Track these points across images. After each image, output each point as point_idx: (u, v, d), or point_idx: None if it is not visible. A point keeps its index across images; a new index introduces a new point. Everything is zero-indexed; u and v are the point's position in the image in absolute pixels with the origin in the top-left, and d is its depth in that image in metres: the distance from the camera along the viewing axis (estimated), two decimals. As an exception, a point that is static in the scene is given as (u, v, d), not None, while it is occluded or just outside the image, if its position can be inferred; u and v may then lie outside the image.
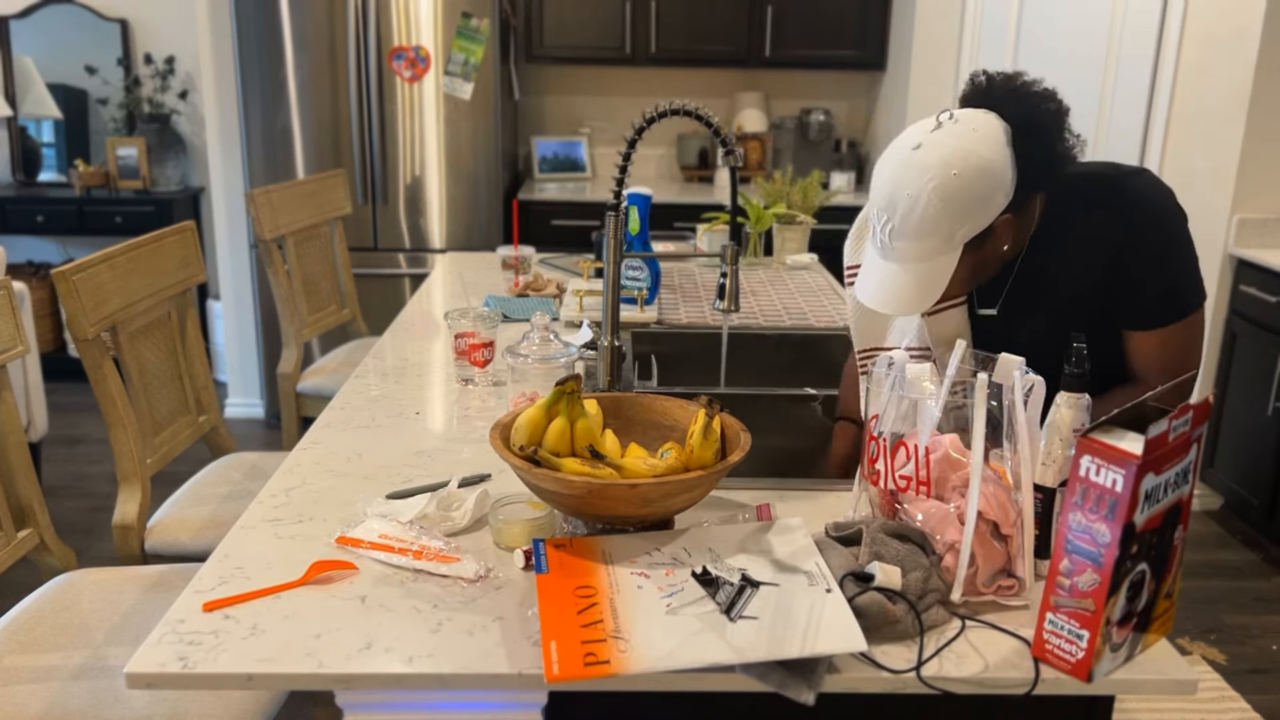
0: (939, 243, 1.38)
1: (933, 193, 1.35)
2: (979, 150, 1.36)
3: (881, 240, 1.42)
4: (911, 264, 1.41)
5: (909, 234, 1.38)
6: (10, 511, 1.74)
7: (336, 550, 1.31)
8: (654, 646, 1.06)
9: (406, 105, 4.00)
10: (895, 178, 1.38)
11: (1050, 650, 1.09)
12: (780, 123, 4.68)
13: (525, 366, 1.68)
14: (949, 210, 1.36)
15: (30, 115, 4.75)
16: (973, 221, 1.38)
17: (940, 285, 1.41)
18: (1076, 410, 1.21)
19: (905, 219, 1.38)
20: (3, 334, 1.72)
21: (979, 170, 1.36)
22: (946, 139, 1.37)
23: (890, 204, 1.39)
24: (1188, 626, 2.92)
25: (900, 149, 1.40)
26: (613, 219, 1.72)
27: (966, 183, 1.35)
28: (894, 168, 1.39)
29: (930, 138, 1.38)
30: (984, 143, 1.37)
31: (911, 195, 1.36)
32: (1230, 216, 3.40)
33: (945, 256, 1.40)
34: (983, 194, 1.36)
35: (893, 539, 1.20)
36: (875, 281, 1.46)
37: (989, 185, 1.36)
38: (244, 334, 4.37)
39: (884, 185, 1.40)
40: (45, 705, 1.44)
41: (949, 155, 1.36)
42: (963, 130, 1.38)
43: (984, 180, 1.36)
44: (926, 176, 1.35)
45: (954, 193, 1.35)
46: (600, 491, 1.21)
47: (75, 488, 3.69)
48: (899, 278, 1.43)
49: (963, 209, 1.36)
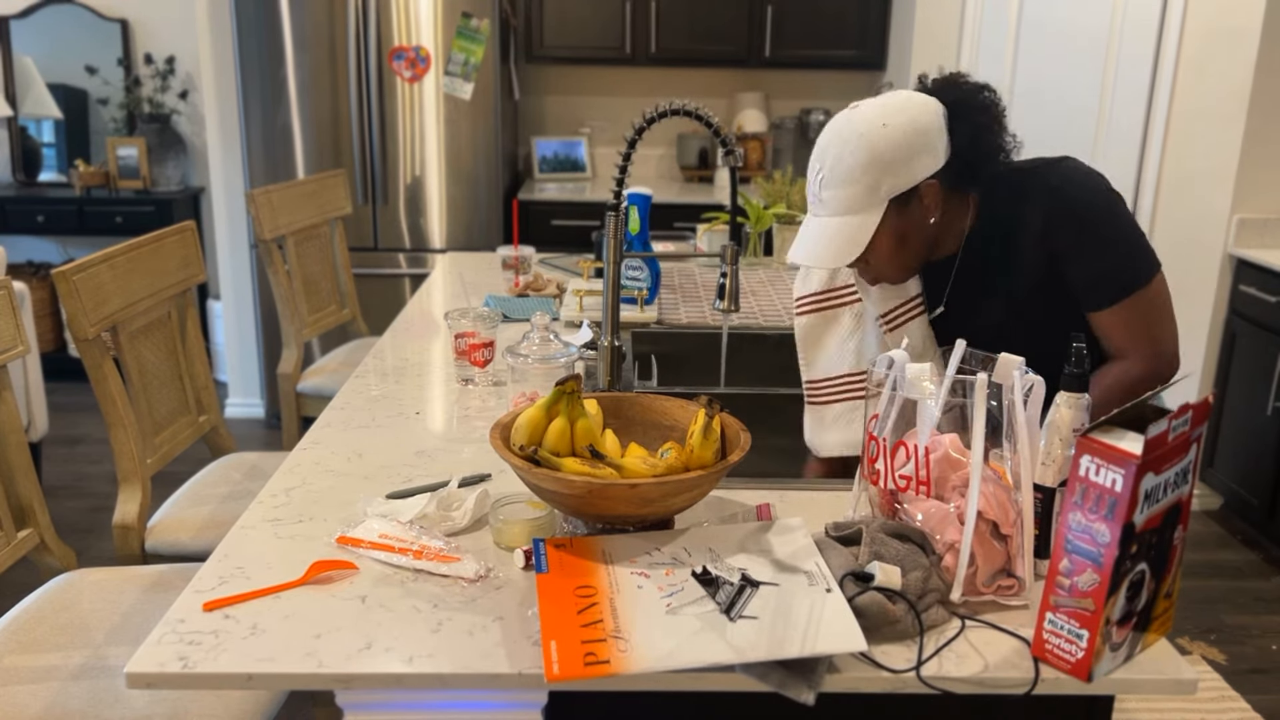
0: (863, 192, 1.47)
1: (860, 139, 1.45)
2: (910, 111, 1.47)
3: (812, 193, 1.52)
4: (837, 216, 1.49)
5: (836, 181, 1.48)
6: (10, 511, 1.74)
7: (336, 550, 1.31)
8: (654, 646, 1.06)
9: (406, 105, 4.00)
10: (830, 131, 1.50)
11: (1050, 650, 1.09)
12: (780, 123, 4.68)
13: (525, 366, 1.68)
14: (875, 159, 1.45)
15: (30, 115, 4.75)
16: (897, 175, 1.46)
17: (864, 238, 1.48)
18: (1076, 410, 1.21)
19: (834, 167, 1.47)
20: (3, 334, 1.72)
21: (907, 127, 1.46)
22: (883, 101, 1.49)
23: (822, 153, 1.49)
24: (1188, 626, 2.92)
25: (840, 113, 1.53)
26: (613, 219, 1.72)
27: (894, 135, 1.45)
28: (832, 124, 1.51)
29: (867, 101, 1.51)
30: (917, 107, 1.48)
31: (841, 142, 1.47)
32: (1230, 216, 3.40)
33: (870, 212, 1.48)
34: (909, 150, 1.46)
35: (893, 539, 1.20)
36: (804, 239, 1.53)
37: (917, 143, 1.46)
38: (244, 334, 4.37)
39: (821, 141, 1.51)
40: (45, 705, 1.44)
41: (881, 111, 1.47)
42: (899, 96, 1.50)
43: (912, 137, 1.46)
44: (858, 127, 1.47)
45: (881, 141, 1.45)
46: (600, 491, 1.21)
47: (75, 488, 3.69)
48: (825, 230, 1.51)
49: (889, 161, 1.45)
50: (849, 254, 1.49)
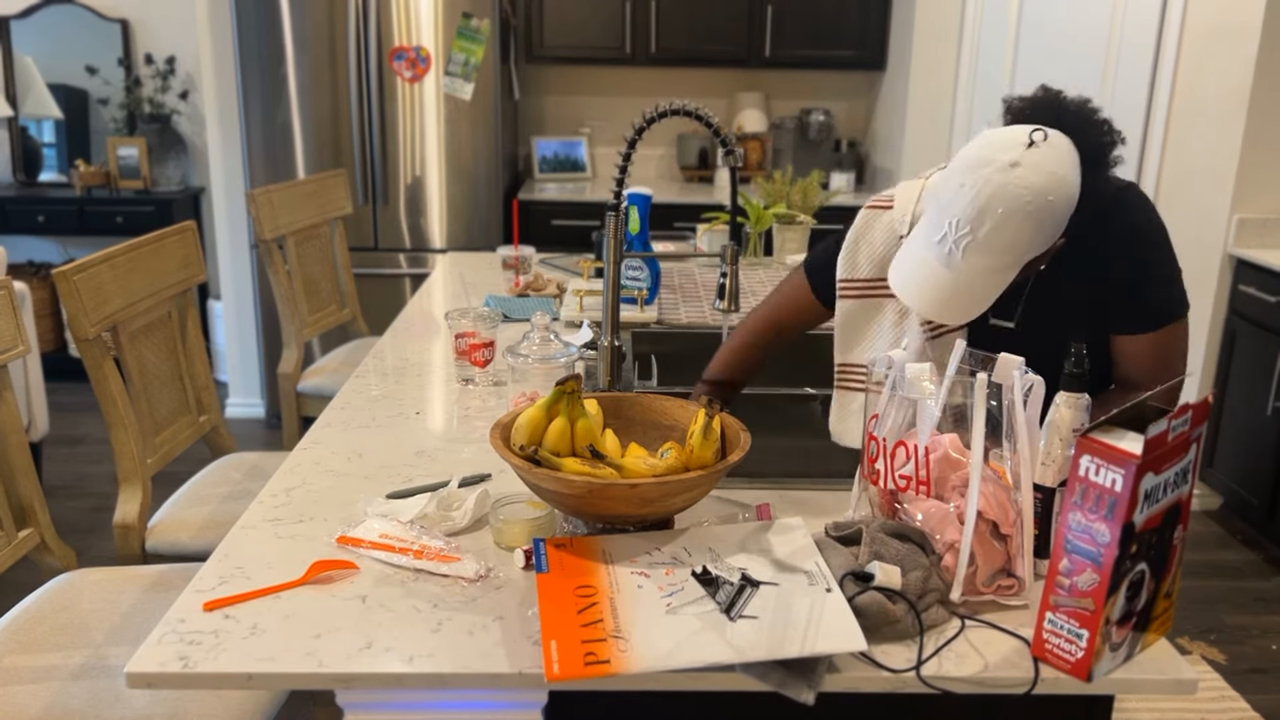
0: (1011, 261, 1.38)
1: (1027, 216, 1.34)
2: (1069, 179, 1.37)
3: (951, 249, 1.39)
4: (973, 276, 1.40)
5: (989, 250, 1.37)
6: (11, 511, 1.74)
7: (337, 550, 1.31)
8: (654, 646, 1.06)
9: (407, 105, 4.00)
10: (989, 193, 1.35)
11: (1050, 650, 1.09)
12: (780, 123, 4.68)
13: (525, 366, 1.68)
14: (1037, 233, 1.36)
15: (31, 115, 4.75)
16: (1045, 245, 1.39)
17: (991, 298, 1.41)
18: (1076, 410, 1.21)
19: (992, 235, 1.36)
20: (3, 334, 1.72)
21: (1067, 199, 1.36)
22: (1044, 163, 1.36)
23: (979, 218, 1.36)
24: (1188, 626, 2.92)
25: (991, 162, 1.36)
26: (613, 219, 1.72)
27: (1056, 210, 1.36)
28: (987, 182, 1.35)
29: (1027, 156, 1.36)
30: (1072, 171, 1.38)
31: (1005, 213, 1.34)
32: (1230, 216, 3.40)
33: (1007, 273, 1.40)
34: (1062, 221, 1.38)
35: (893, 539, 1.20)
36: (929, 288, 1.43)
37: (1068, 213, 1.38)
38: (244, 334, 4.37)
39: (973, 200, 1.36)
40: (45, 705, 1.44)
41: (1047, 181, 1.35)
42: (1058, 157, 1.37)
43: (1067, 208, 1.37)
44: (1025, 199, 1.34)
45: (1045, 218, 1.35)
46: (600, 491, 1.21)
47: (76, 488, 3.69)
48: (959, 288, 1.41)
49: (1045, 234, 1.37)
50: (975, 312, 1.42)
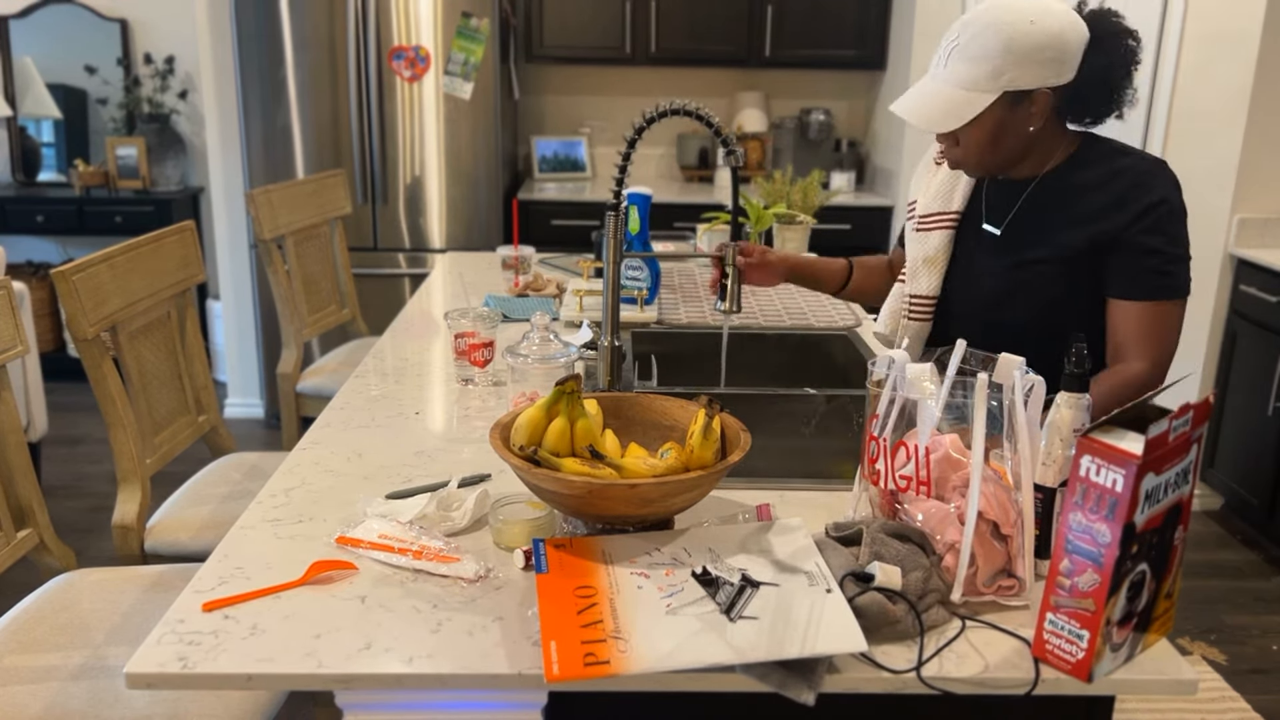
0: (986, 74, 1.54)
1: (1006, 25, 1.52)
2: (1059, 19, 1.52)
3: (938, 58, 1.59)
4: (953, 87, 1.57)
5: (966, 54, 1.55)
6: (10, 511, 1.74)
7: (336, 550, 1.31)
8: (654, 647, 1.05)
9: (406, 105, 4.00)
10: (978, 10, 1.56)
11: (1050, 650, 1.09)
12: (780, 123, 4.68)
13: (525, 366, 1.68)
14: (1010, 47, 1.52)
15: (30, 115, 4.75)
16: (1021, 72, 1.53)
17: (969, 114, 1.56)
18: (1076, 410, 1.21)
19: (970, 41, 1.54)
20: (3, 334, 1.72)
21: (1050, 31, 1.51)
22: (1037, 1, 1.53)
23: (965, 25, 1.56)
24: (1188, 626, 2.92)
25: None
26: (613, 219, 1.72)
27: (1035, 34, 1.51)
28: (982, 5, 1.56)
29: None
30: (1066, 21, 1.53)
31: (986, 22, 1.53)
32: (1230, 216, 3.40)
33: (984, 93, 1.55)
34: (1041, 54, 1.52)
35: (893, 539, 1.20)
36: (914, 96, 1.61)
37: (1051, 51, 1.52)
38: (244, 334, 4.37)
39: (966, 15, 1.58)
40: (45, 705, 1.44)
41: (1033, 8, 1.52)
42: (1054, 4, 1.54)
43: (1050, 43, 1.52)
44: (1005, 13, 1.53)
45: (1020, 35, 1.51)
46: (600, 491, 1.21)
47: (75, 488, 3.69)
48: (937, 94, 1.58)
49: (1021, 53, 1.52)
50: (950, 123, 1.57)
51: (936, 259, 1.77)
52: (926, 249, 1.78)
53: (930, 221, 1.79)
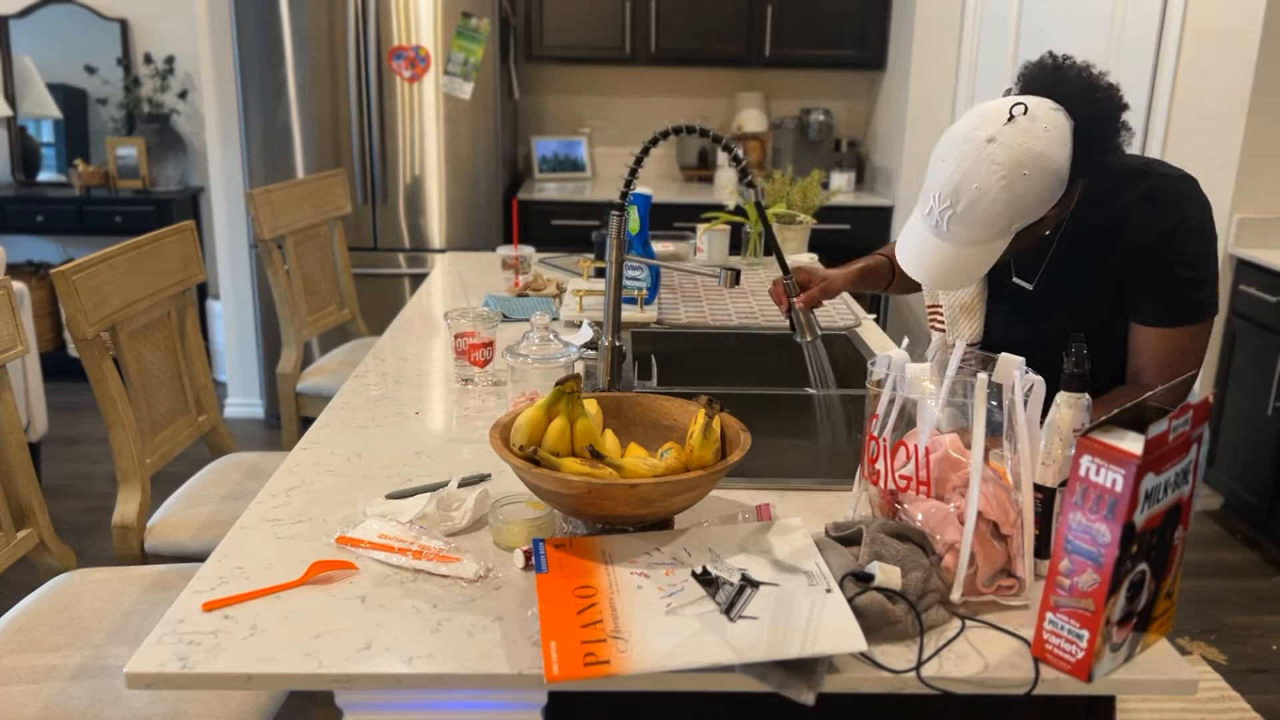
0: (996, 232, 1.43)
1: (1001, 190, 1.39)
2: (1050, 153, 1.39)
3: (937, 221, 1.45)
4: (962, 246, 1.45)
5: (968, 223, 1.42)
6: (10, 511, 1.74)
7: (336, 550, 1.31)
8: (654, 646, 1.05)
9: (406, 105, 4.00)
10: (965, 169, 1.40)
11: (1050, 650, 1.09)
12: (780, 123, 4.68)
13: (525, 366, 1.68)
14: (1012, 207, 1.40)
15: (30, 115, 4.75)
16: (1030, 216, 1.43)
17: (986, 266, 1.47)
18: (1076, 410, 1.21)
19: (968, 209, 1.41)
20: (3, 334, 1.72)
21: (1047, 173, 1.39)
22: (1020, 138, 1.39)
23: (955, 193, 1.41)
24: (1188, 626, 2.92)
25: (971, 137, 1.41)
26: (615, 219, 1.72)
27: (1034, 184, 1.39)
28: (964, 157, 1.40)
29: (1004, 132, 1.40)
30: (1054, 144, 1.40)
31: (980, 189, 1.39)
32: (1230, 216, 3.39)
33: (997, 243, 1.45)
34: (1046, 194, 1.41)
35: (893, 539, 1.20)
36: (926, 257, 1.49)
37: (1052, 186, 1.41)
38: (244, 334, 4.37)
39: (951, 174, 1.41)
40: (45, 705, 1.44)
41: (1022, 156, 1.38)
42: (1036, 130, 1.40)
43: (1049, 181, 1.40)
44: (998, 174, 1.38)
45: (1021, 192, 1.39)
46: (600, 491, 1.21)
47: (75, 488, 3.69)
48: (947, 256, 1.47)
49: (1025, 206, 1.41)
50: (971, 279, 1.49)
51: (973, 306, 1.71)
52: (961, 296, 1.71)
53: None
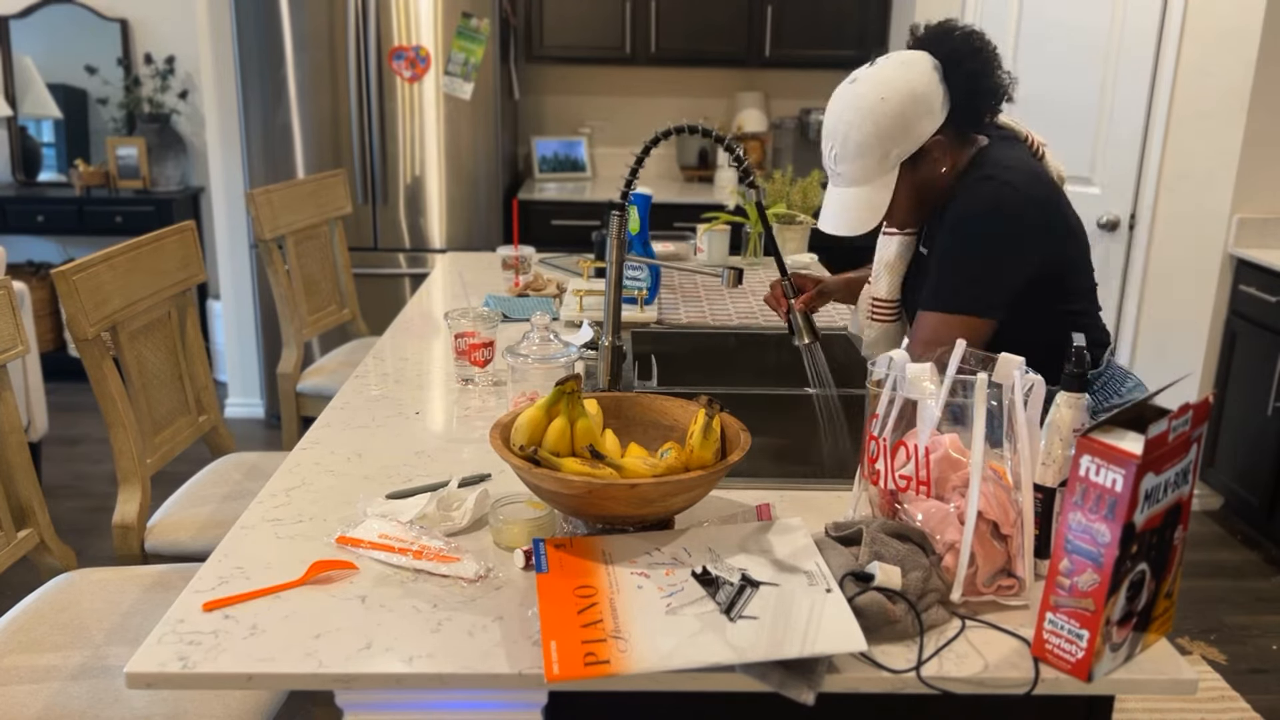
0: (876, 162, 1.57)
1: (866, 114, 1.55)
2: (907, 78, 1.55)
3: (829, 167, 1.62)
4: (856, 186, 1.60)
5: (849, 156, 1.58)
6: (10, 511, 1.74)
7: (336, 550, 1.31)
8: (654, 646, 1.06)
9: (406, 105, 4.00)
10: (835, 109, 1.59)
11: (1050, 650, 1.09)
12: (780, 123, 4.68)
13: (525, 366, 1.68)
14: (881, 131, 1.55)
15: (30, 115, 4.75)
16: (904, 142, 1.56)
17: (883, 203, 1.60)
18: (1076, 410, 1.21)
19: (844, 143, 1.58)
20: (3, 334, 1.72)
21: (906, 95, 1.54)
22: (877, 73, 1.57)
23: (832, 131, 1.59)
24: (1188, 626, 2.92)
25: (841, 87, 1.61)
26: (616, 219, 1.72)
27: (895, 107, 1.54)
28: (835, 101, 1.60)
29: (865, 73, 1.59)
30: (912, 72, 1.56)
31: (849, 120, 1.56)
32: (1230, 216, 3.40)
33: (884, 177, 1.59)
34: (911, 116, 1.55)
35: (893, 539, 1.20)
36: (828, 209, 1.64)
37: (917, 109, 1.55)
38: (244, 334, 4.37)
39: (828, 118, 1.61)
40: (45, 705, 1.44)
41: (878, 85, 1.55)
42: (893, 64, 1.57)
43: (912, 104, 1.54)
44: (859, 102, 1.56)
45: (883, 116, 1.54)
46: (600, 491, 1.21)
47: (75, 488, 3.69)
48: (846, 200, 1.62)
49: (892, 131, 1.55)
50: (872, 219, 1.60)
51: (895, 265, 1.79)
52: (887, 253, 1.80)
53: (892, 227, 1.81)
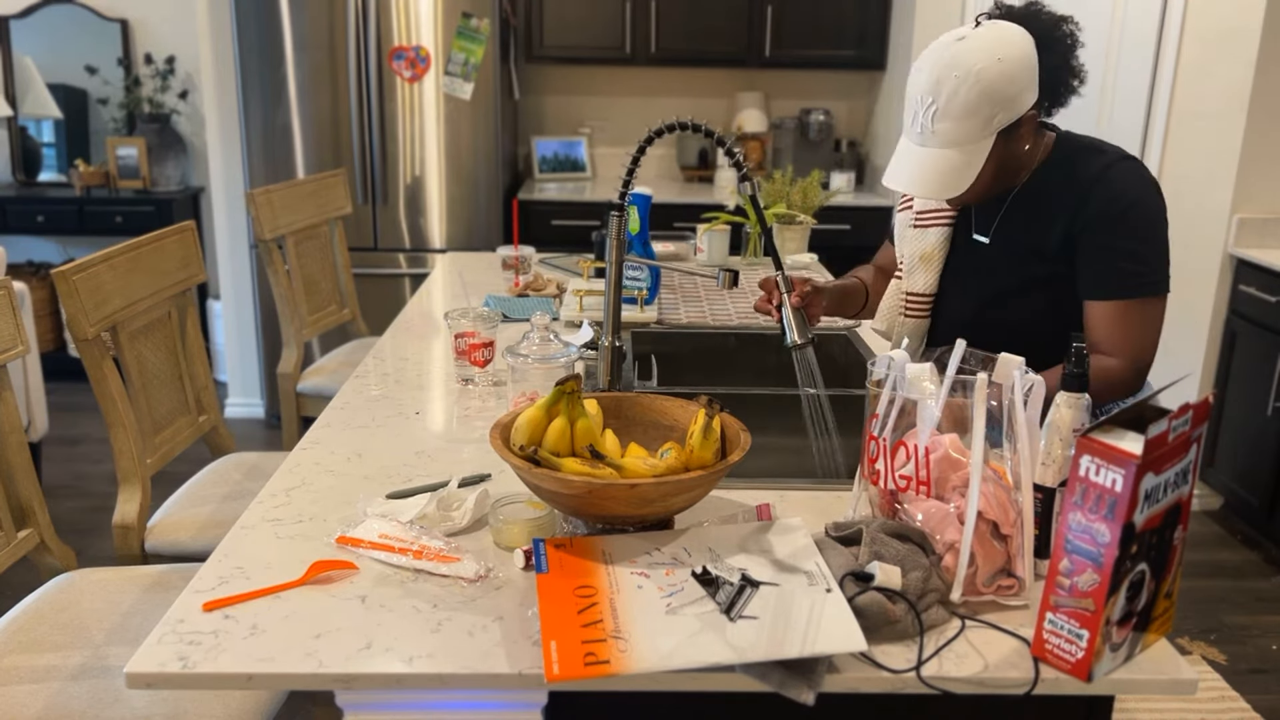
0: (979, 125, 1.50)
1: (980, 74, 1.48)
2: (1019, 44, 1.51)
3: (923, 124, 1.53)
4: (949, 148, 1.53)
5: (954, 114, 1.50)
6: (10, 511, 1.74)
7: (336, 550, 1.31)
8: (654, 646, 1.06)
9: (406, 105, 4.00)
10: (942, 62, 1.50)
11: (1050, 650, 1.09)
12: (780, 123, 4.68)
13: (525, 366, 1.68)
14: (992, 93, 1.48)
15: (30, 115, 4.75)
16: (1009, 109, 1.51)
17: (974, 169, 1.53)
18: (1076, 410, 1.21)
19: (951, 99, 1.49)
20: (3, 334, 1.72)
21: (1018, 61, 1.50)
22: (988, 34, 1.51)
23: (937, 86, 1.50)
24: (1188, 626, 2.92)
25: (944, 43, 1.52)
26: (615, 219, 1.72)
27: (1008, 69, 1.49)
28: (939, 56, 1.51)
29: (973, 33, 1.52)
30: (1023, 40, 1.52)
31: (959, 77, 1.48)
32: (1230, 216, 3.39)
33: (981, 142, 1.52)
34: (1020, 83, 1.50)
35: (893, 539, 1.20)
36: (911, 167, 1.55)
37: (1025, 77, 1.51)
38: (244, 334, 4.37)
39: (930, 72, 1.51)
40: (45, 705, 1.44)
41: (993, 44, 1.49)
42: (1002, 30, 1.52)
43: (1022, 71, 1.50)
44: (974, 60, 1.48)
45: (997, 77, 1.48)
46: (600, 491, 1.21)
47: (75, 488, 3.69)
48: (935, 161, 1.53)
49: (1003, 94, 1.49)
50: (960, 186, 1.53)
51: (933, 256, 1.76)
52: (924, 245, 1.77)
53: (928, 217, 1.78)
